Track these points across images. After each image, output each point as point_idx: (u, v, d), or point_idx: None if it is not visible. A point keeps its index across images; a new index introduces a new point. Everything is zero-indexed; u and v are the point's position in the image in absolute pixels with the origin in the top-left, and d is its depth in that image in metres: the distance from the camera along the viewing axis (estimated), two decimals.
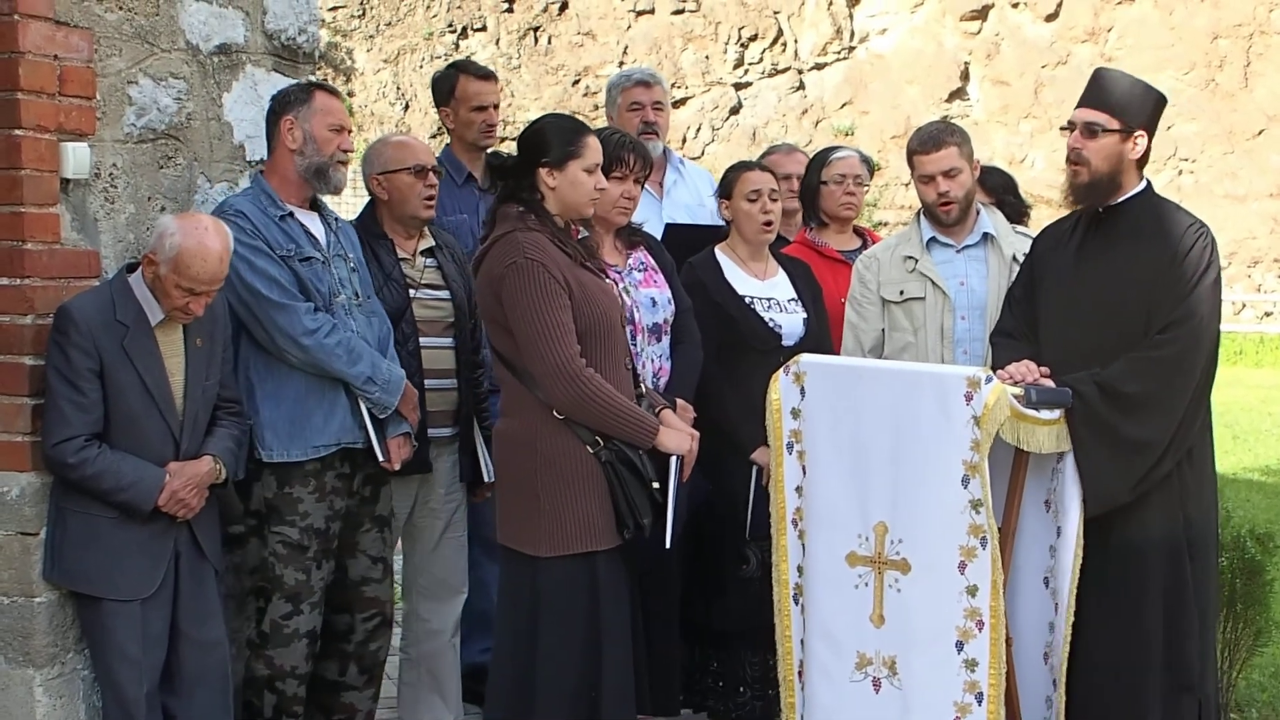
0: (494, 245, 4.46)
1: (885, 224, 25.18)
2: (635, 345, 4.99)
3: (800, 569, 4.50)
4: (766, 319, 5.31)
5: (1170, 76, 27.37)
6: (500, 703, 4.52)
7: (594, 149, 4.57)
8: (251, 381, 4.70)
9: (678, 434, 4.52)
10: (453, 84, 6.14)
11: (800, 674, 4.51)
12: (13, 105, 4.21)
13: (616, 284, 4.96)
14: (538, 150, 4.54)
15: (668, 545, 4.46)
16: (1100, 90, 4.59)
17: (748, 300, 5.33)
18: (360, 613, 4.97)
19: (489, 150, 5.72)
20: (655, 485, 4.40)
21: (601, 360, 4.43)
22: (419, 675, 5.37)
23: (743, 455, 5.19)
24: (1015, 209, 6.04)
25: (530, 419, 4.43)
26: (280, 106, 4.80)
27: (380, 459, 4.83)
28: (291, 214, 4.74)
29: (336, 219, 4.96)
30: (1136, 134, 4.54)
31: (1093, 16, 28.85)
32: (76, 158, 4.36)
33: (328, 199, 4.95)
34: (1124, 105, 4.55)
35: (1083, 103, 4.62)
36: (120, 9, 4.57)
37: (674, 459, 4.43)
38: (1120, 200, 4.58)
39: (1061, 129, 4.70)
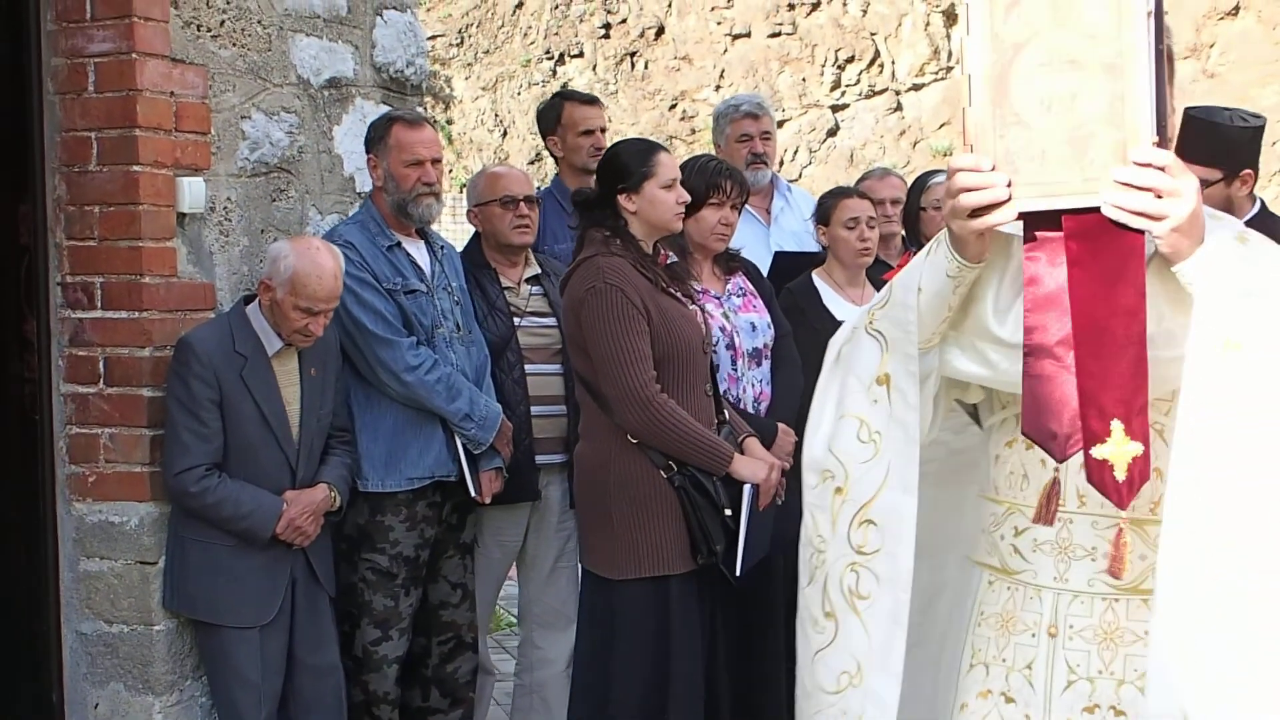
0: (577, 269, 4.49)
1: None
2: (735, 370, 4.98)
3: None
4: None
5: (1274, 92, 26.95)
6: (579, 710, 4.58)
7: (668, 165, 4.56)
8: (351, 412, 4.76)
9: (753, 463, 4.50)
10: (559, 112, 6.17)
11: None
12: (131, 142, 4.32)
13: (716, 309, 4.97)
14: (614, 177, 4.56)
15: (738, 573, 4.44)
16: (1194, 140, 4.44)
17: None
18: (436, 636, 4.99)
19: (575, 190, 5.73)
20: (728, 512, 4.39)
21: (680, 386, 4.44)
22: (531, 703, 5.37)
23: None
24: None
25: (605, 442, 4.45)
26: (366, 142, 4.87)
27: (472, 493, 4.86)
28: (399, 244, 4.79)
29: (443, 246, 5.00)
30: (1242, 174, 4.44)
31: (1194, 32, 28.43)
32: (192, 192, 4.45)
33: (436, 225, 5.01)
34: (1222, 152, 4.44)
35: (1178, 154, 4.50)
36: (234, 45, 4.66)
37: (747, 487, 4.41)
38: None
39: None
